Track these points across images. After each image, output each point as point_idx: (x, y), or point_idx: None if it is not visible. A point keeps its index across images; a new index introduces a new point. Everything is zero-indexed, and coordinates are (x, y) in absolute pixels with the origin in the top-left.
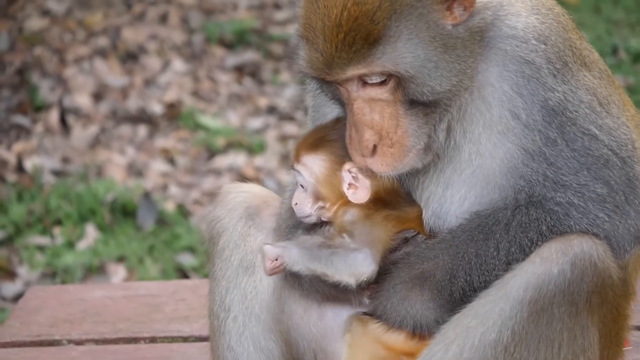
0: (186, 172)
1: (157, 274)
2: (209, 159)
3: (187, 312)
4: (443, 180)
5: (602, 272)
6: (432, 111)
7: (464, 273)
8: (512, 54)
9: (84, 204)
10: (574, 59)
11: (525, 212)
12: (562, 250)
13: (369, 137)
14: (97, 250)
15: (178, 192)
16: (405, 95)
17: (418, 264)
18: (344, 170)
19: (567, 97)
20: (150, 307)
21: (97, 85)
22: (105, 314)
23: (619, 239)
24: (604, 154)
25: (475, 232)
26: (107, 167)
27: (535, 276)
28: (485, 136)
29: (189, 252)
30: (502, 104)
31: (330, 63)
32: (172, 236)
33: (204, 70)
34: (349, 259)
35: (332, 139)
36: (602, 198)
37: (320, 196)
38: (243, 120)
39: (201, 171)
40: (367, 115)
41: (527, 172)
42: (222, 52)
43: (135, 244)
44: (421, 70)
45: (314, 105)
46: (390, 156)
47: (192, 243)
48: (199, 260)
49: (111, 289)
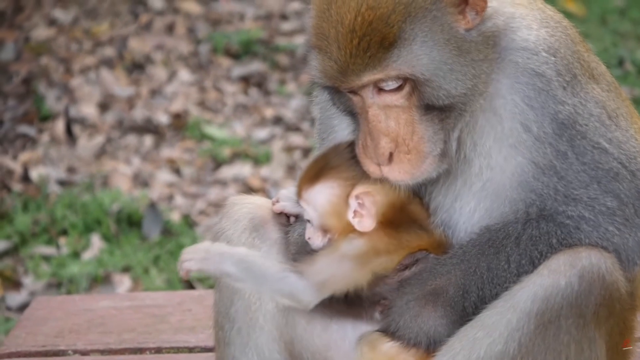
0: (192, 182)
1: (163, 285)
2: (215, 170)
3: (193, 322)
4: (452, 192)
5: (610, 285)
6: (447, 116)
7: (476, 288)
8: (523, 66)
9: (90, 214)
10: (582, 71)
11: (536, 226)
12: (570, 262)
13: (385, 145)
14: (102, 261)
15: (184, 202)
16: (421, 100)
17: (430, 280)
18: (351, 197)
19: (577, 110)
20: (156, 317)
21: (103, 95)
22: (110, 324)
23: (628, 252)
24: (614, 167)
25: (486, 246)
26: (113, 177)
27: (542, 288)
28: (495, 149)
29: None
30: (514, 116)
31: (346, 70)
32: (177, 246)
33: (210, 81)
34: (286, 282)
35: (333, 166)
36: (612, 211)
37: (328, 228)
38: (249, 130)
39: (207, 181)
40: (382, 123)
41: (538, 186)
42: (228, 63)
43: (140, 254)
44: (437, 73)
45: (321, 118)
46: (407, 163)
47: None
48: None
49: (117, 299)
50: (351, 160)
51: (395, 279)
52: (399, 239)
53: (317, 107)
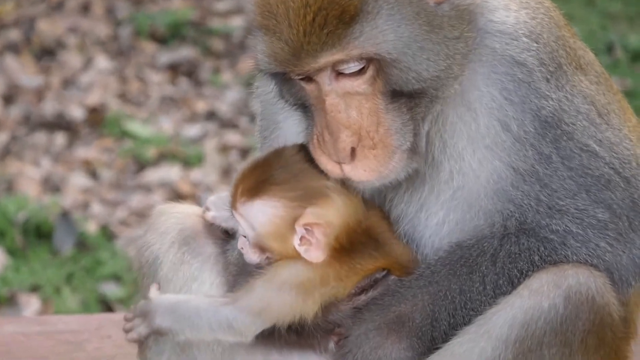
0: (111, 187)
1: (77, 306)
2: (138, 173)
3: (113, 350)
4: (417, 200)
5: (601, 309)
6: (417, 104)
7: (447, 314)
8: (501, 52)
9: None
10: (568, 60)
11: (515, 241)
12: (554, 281)
13: (347, 139)
14: (6, 278)
15: (101, 210)
16: (387, 84)
17: (394, 305)
18: (297, 224)
19: (562, 106)
20: (71, 345)
21: (7, 85)
22: (17, 352)
23: (622, 271)
24: (605, 173)
25: (458, 265)
26: (19, 181)
27: (522, 311)
28: (469, 151)
29: (114, 281)
30: (490, 112)
31: (299, 52)
32: (94, 262)
33: (132, 69)
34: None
35: (277, 181)
36: (603, 225)
37: (266, 248)
38: (177, 127)
39: (128, 186)
40: (342, 113)
41: (518, 196)
42: (153, 48)
43: (51, 271)
44: (405, 51)
45: (264, 113)
46: (373, 159)
47: (118, 270)
48: (126, 290)
49: (24, 324)
50: (299, 174)
51: (349, 305)
52: (352, 264)
53: (259, 99)
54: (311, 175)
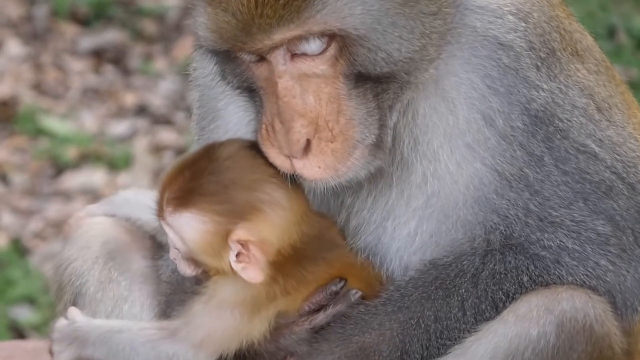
0: (24, 194)
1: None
2: (56, 177)
3: None
4: (383, 206)
5: (600, 340)
6: (385, 91)
7: (420, 346)
8: (483, 32)
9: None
10: (562, 44)
11: (500, 259)
12: (545, 306)
13: (301, 129)
14: None
15: (13, 221)
16: (351, 66)
17: (357, 335)
18: (230, 240)
19: (555, 99)
20: None
21: None
22: None
23: (626, 293)
24: (606, 179)
25: (432, 287)
26: None
27: (506, 340)
28: (446, 150)
29: (27, 304)
30: (471, 103)
31: (249, 26)
32: (3, 282)
33: (49, 55)
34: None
35: (206, 192)
36: (604, 239)
37: (197, 261)
38: (102, 123)
39: (44, 193)
40: (297, 98)
41: (503, 205)
42: (74, 31)
43: None
44: (374, 27)
45: (202, 99)
46: (330, 155)
47: (31, 292)
48: (40, 315)
49: None
50: (230, 186)
51: (305, 326)
52: (302, 275)
53: (196, 83)
54: (245, 184)
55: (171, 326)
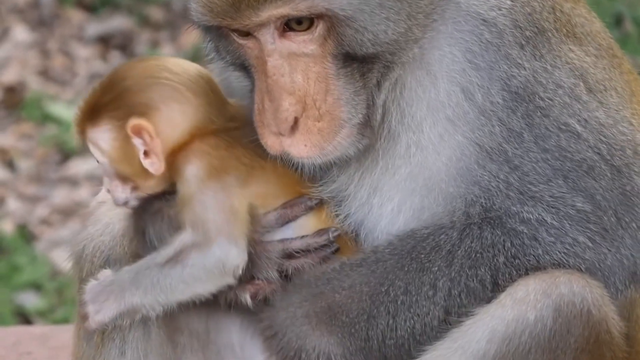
0: (30, 180)
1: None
2: (62, 163)
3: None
4: (368, 182)
5: (597, 324)
6: (371, 70)
7: (387, 314)
8: (466, 8)
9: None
10: (556, 25)
11: (478, 235)
12: (543, 289)
13: (289, 107)
14: None
15: (19, 207)
16: (339, 46)
17: (327, 292)
18: (131, 136)
19: (537, 78)
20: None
21: None
22: None
23: (606, 272)
24: (587, 159)
25: (408, 258)
26: None
27: (504, 323)
28: (429, 122)
29: (33, 290)
30: (452, 77)
31: (239, 3)
32: (10, 268)
33: (56, 42)
34: (202, 264)
35: (108, 100)
36: (583, 216)
37: (124, 176)
38: None
39: (51, 179)
40: (285, 77)
41: (485, 177)
42: (80, 17)
43: None
44: (362, 8)
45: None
46: (317, 133)
47: (38, 278)
48: (47, 301)
49: None
50: (123, 93)
51: (277, 248)
52: (236, 158)
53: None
54: (137, 89)
55: (185, 240)
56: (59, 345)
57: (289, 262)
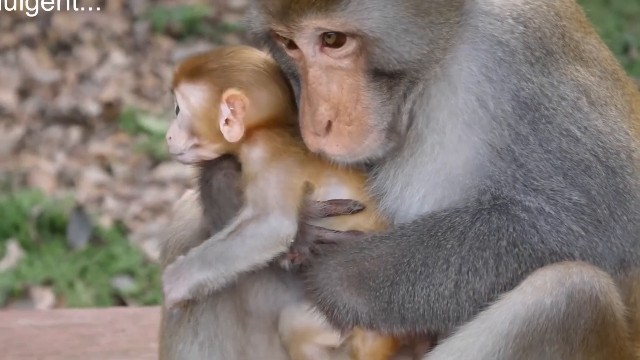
0: (125, 182)
1: (90, 301)
2: (152, 168)
3: (127, 344)
4: (401, 178)
5: (604, 309)
6: (397, 84)
7: (407, 281)
8: (483, 31)
9: (6, 218)
10: (564, 49)
11: (487, 219)
12: (558, 279)
13: (324, 112)
14: (20, 272)
15: (115, 205)
16: (369, 62)
17: (358, 260)
18: (223, 102)
19: (543, 91)
20: (84, 338)
21: (23, 79)
22: (31, 345)
23: (597, 258)
24: (585, 159)
25: (427, 236)
26: (34, 176)
27: (524, 307)
28: (450, 126)
29: (127, 276)
30: (469, 87)
31: (285, 11)
32: (107, 257)
33: (148, 65)
34: (259, 234)
35: (213, 67)
36: (578, 208)
37: (196, 131)
38: None
39: (143, 182)
40: (323, 86)
41: (495, 172)
42: (169, 44)
43: (64, 265)
44: (388, 32)
45: None
46: (347, 136)
47: (131, 265)
48: (139, 285)
49: (38, 317)
50: (228, 68)
51: (314, 232)
52: (295, 147)
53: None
54: (239, 68)
55: (246, 215)
56: (148, 323)
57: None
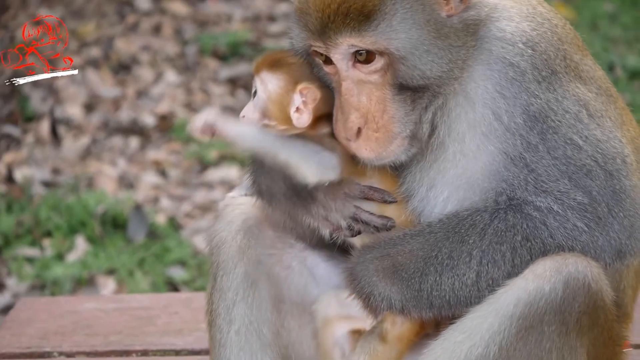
0: (178, 184)
1: (147, 287)
2: (201, 172)
3: (180, 325)
4: (426, 180)
5: (595, 294)
6: (420, 97)
7: (435, 272)
8: (497, 54)
9: (74, 215)
10: (566, 70)
11: (503, 217)
12: (556, 268)
13: (355, 120)
14: (86, 263)
15: (169, 204)
16: (395, 77)
17: (392, 255)
18: (296, 92)
19: (550, 106)
20: (142, 320)
21: (88, 96)
22: (96, 326)
23: (597, 250)
24: (587, 164)
25: (452, 232)
26: (98, 179)
27: (526, 292)
28: (469, 136)
29: (180, 266)
30: (485, 103)
31: (323, 30)
32: (162, 249)
33: (197, 82)
34: (318, 155)
35: (292, 62)
36: (582, 207)
37: (268, 113)
38: None
39: (193, 184)
40: (354, 97)
41: (509, 176)
42: (215, 64)
43: (125, 256)
44: (412, 52)
45: None
46: (374, 141)
47: (183, 256)
48: (190, 274)
49: (103, 301)
50: (303, 66)
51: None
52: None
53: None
54: (310, 71)
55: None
56: (199, 307)
57: (354, 223)
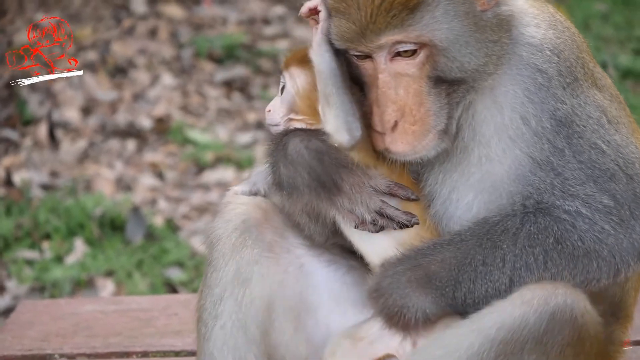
0: (175, 186)
1: (146, 289)
2: (198, 174)
3: (179, 326)
4: (449, 183)
5: (581, 327)
6: (455, 91)
7: (469, 280)
8: (526, 60)
9: (73, 218)
10: (584, 76)
11: (534, 221)
12: (545, 298)
13: (392, 113)
14: (85, 265)
15: (166, 206)
16: (434, 70)
17: (424, 265)
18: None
19: (575, 111)
20: (142, 321)
21: (86, 99)
22: (96, 328)
23: (622, 253)
24: (610, 168)
25: (484, 239)
26: (96, 182)
27: (511, 318)
28: (495, 140)
29: (178, 267)
30: (514, 107)
31: (364, 31)
32: (160, 251)
33: (193, 85)
34: (351, 117)
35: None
36: (608, 210)
37: (295, 108)
38: (232, 135)
39: (190, 186)
40: (392, 90)
41: (535, 180)
42: (211, 67)
43: (123, 258)
44: (454, 43)
45: None
46: (411, 134)
47: (181, 258)
48: (188, 275)
49: (102, 303)
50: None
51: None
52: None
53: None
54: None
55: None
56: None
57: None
